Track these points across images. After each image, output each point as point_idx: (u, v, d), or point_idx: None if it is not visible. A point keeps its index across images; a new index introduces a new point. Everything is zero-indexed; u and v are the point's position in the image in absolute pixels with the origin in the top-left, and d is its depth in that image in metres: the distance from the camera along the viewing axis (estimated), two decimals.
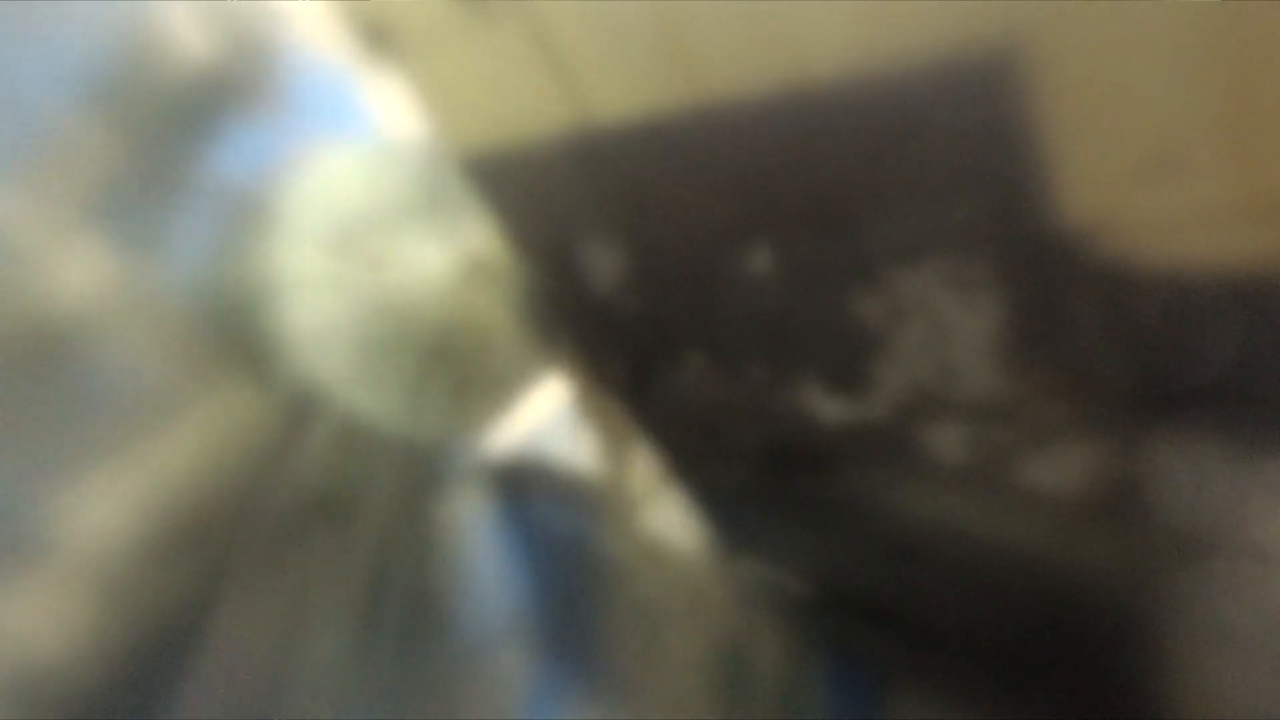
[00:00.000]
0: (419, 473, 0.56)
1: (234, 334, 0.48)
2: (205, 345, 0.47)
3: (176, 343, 0.46)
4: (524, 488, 0.61)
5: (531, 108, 0.38)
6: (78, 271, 0.43)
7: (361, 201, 0.51)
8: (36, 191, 0.42)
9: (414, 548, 0.56)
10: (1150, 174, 0.24)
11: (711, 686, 0.57)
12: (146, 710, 0.45)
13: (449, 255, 0.54)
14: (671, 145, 0.34)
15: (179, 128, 0.46)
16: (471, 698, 0.58)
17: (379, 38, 0.42)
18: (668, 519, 0.56)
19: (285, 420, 0.50)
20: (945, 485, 0.38)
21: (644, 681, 0.59)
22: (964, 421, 0.35)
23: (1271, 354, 0.26)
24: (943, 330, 0.32)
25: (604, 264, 0.43)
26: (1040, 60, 0.24)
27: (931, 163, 0.28)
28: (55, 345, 0.43)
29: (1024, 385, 0.32)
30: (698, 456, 0.50)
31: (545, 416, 0.59)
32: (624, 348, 0.48)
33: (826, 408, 0.40)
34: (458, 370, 0.56)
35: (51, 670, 0.42)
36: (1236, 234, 0.24)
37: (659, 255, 0.40)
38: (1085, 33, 0.23)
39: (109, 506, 0.44)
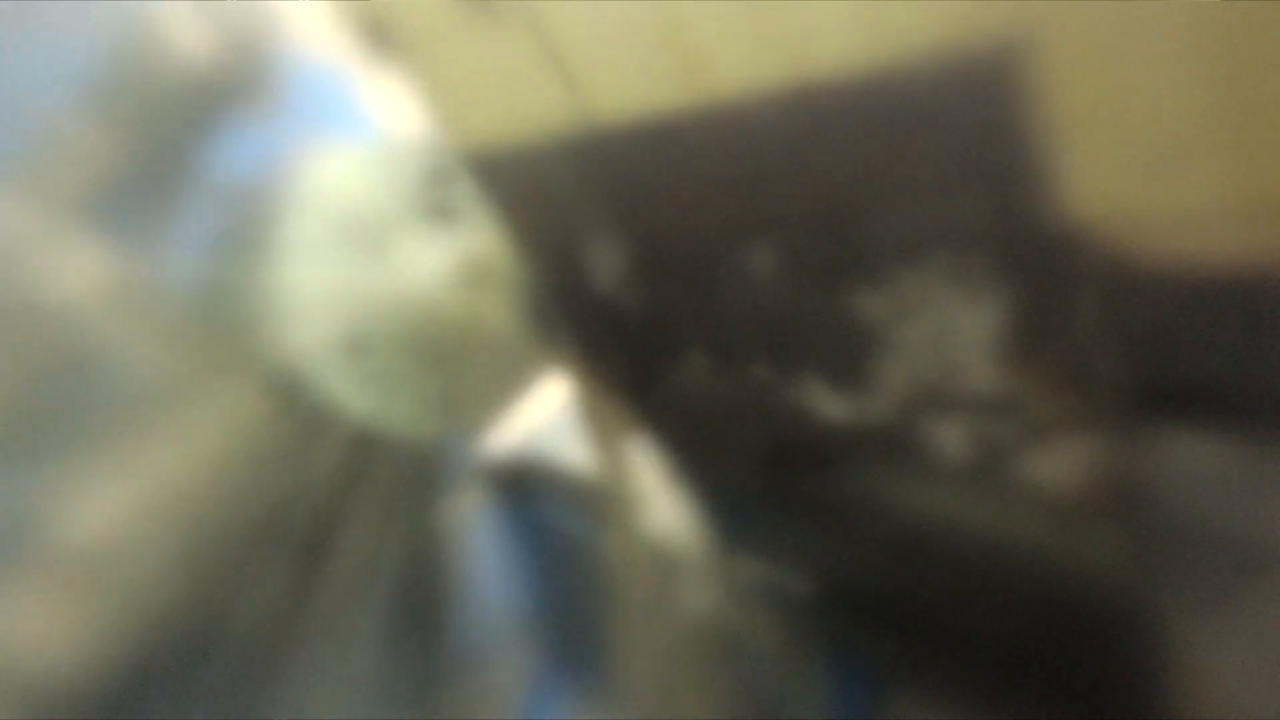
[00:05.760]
0: (419, 473, 0.56)
1: (234, 334, 0.48)
2: (205, 345, 0.47)
3: (177, 343, 0.46)
4: (524, 488, 0.61)
5: (533, 106, 0.38)
6: (78, 271, 0.43)
7: (361, 201, 0.51)
8: (36, 191, 0.42)
9: (414, 548, 0.56)
10: (1151, 172, 0.24)
11: (711, 686, 0.57)
12: (146, 711, 0.45)
13: (450, 254, 0.54)
14: (674, 143, 0.34)
15: (179, 128, 0.46)
16: (471, 698, 0.58)
17: (379, 37, 0.42)
18: (668, 519, 0.56)
19: (285, 420, 0.50)
20: (947, 483, 0.38)
21: (643, 681, 0.59)
22: (966, 418, 0.35)
23: (1272, 352, 0.26)
24: (945, 327, 0.32)
25: (606, 262, 0.43)
26: (1042, 58, 0.24)
27: (933, 160, 0.28)
28: (55, 345, 0.42)
29: (1026, 382, 0.32)
30: (698, 456, 0.50)
31: (545, 416, 0.59)
32: (626, 346, 0.48)
33: (828, 405, 0.40)
34: (458, 370, 0.56)
35: (52, 671, 0.42)
36: (1238, 231, 0.24)
37: (661, 254, 0.40)
38: (1086, 31, 0.23)
39: (109, 507, 0.44)
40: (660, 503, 0.55)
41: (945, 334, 0.33)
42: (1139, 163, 0.25)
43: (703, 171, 0.34)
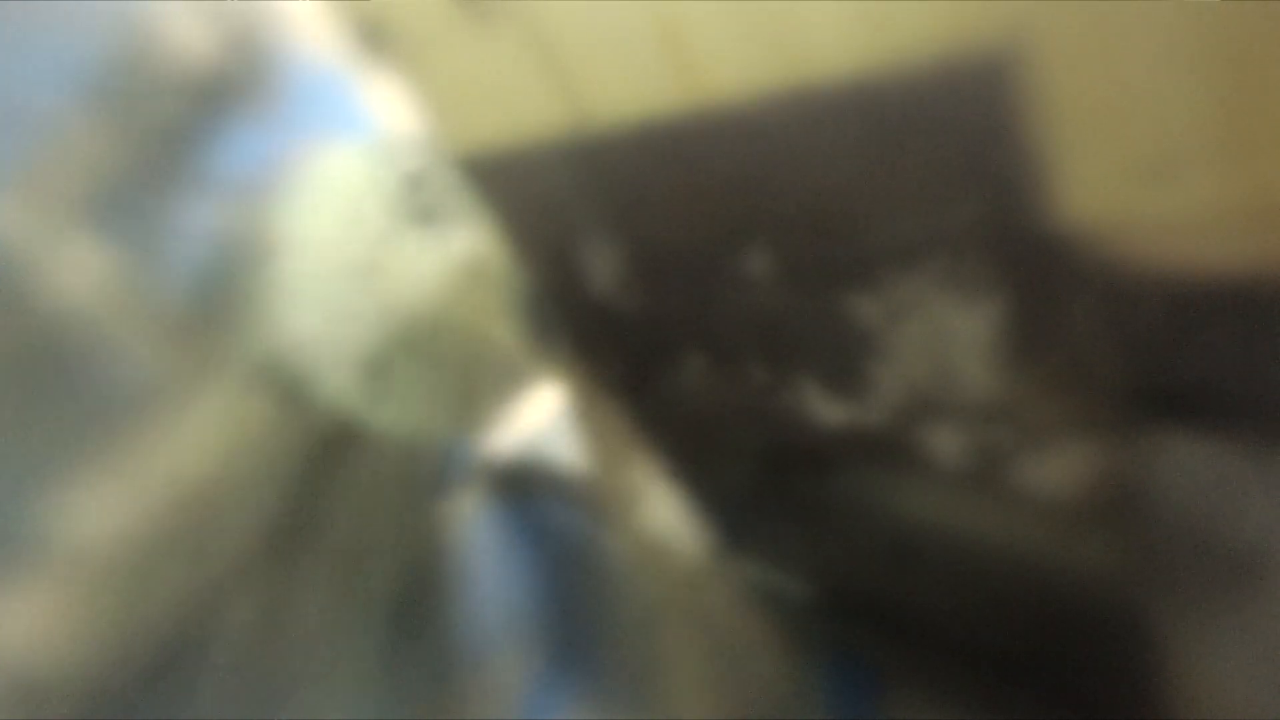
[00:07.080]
0: (419, 473, 0.56)
1: (233, 335, 0.48)
2: (204, 346, 0.47)
3: (176, 343, 0.46)
4: (524, 488, 0.61)
5: (530, 108, 0.38)
6: (77, 271, 0.43)
7: (360, 202, 0.51)
8: (36, 191, 0.42)
9: (415, 548, 0.56)
10: (1149, 174, 0.24)
11: (711, 686, 0.57)
12: (146, 710, 0.45)
13: (447, 257, 0.54)
14: (669, 146, 0.34)
15: (179, 128, 0.46)
16: (471, 698, 0.58)
17: (377, 38, 0.42)
18: (668, 519, 0.56)
19: (285, 421, 0.50)
20: (944, 486, 0.38)
21: (644, 681, 0.59)
22: (962, 422, 0.35)
23: (1271, 355, 0.26)
24: (941, 331, 0.32)
25: (602, 265, 0.43)
26: (1038, 62, 0.24)
27: (929, 164, 0.28)
28: (55, 346, 0.43)
29: (1022, 386, 0.32)
30: (697, 457, 0.50)
31: (545, 417, 0.59)
32: (622, 349, 0.48)
33: (825, 408, 0.40)
34: (457, 372, 0.56)
35: (51, 671, 0.42)
36: (1235, 235, 0.24)
37: (657, 256, 0.40)
38: (1085, 33, 0.23)
39: (109, 507, 0.44)
40: (659, 504, 0.55)
41: (942, 338, 0.32)
42: (1136, 166, 0.24)
43: (699, 174, 0.34)
